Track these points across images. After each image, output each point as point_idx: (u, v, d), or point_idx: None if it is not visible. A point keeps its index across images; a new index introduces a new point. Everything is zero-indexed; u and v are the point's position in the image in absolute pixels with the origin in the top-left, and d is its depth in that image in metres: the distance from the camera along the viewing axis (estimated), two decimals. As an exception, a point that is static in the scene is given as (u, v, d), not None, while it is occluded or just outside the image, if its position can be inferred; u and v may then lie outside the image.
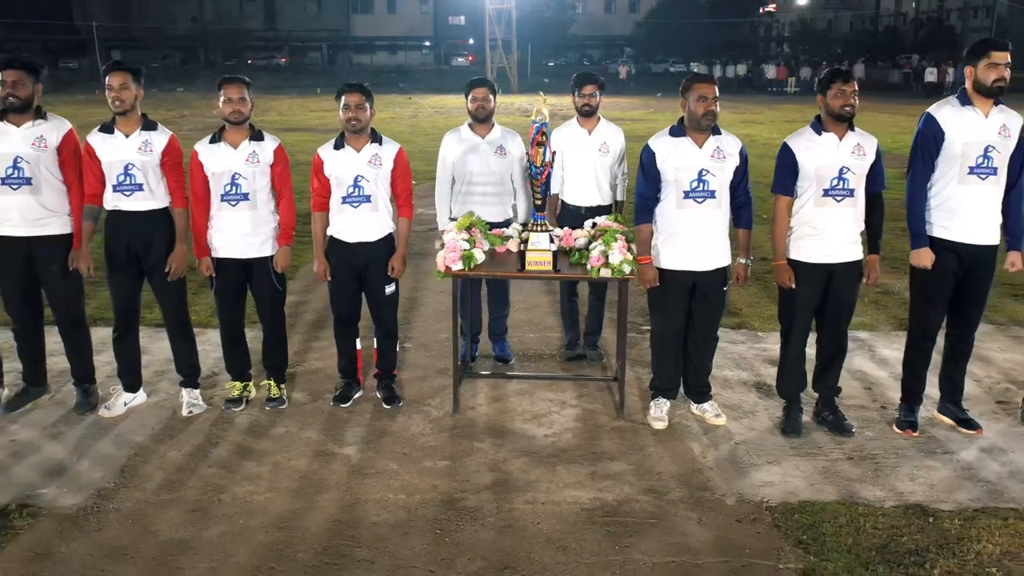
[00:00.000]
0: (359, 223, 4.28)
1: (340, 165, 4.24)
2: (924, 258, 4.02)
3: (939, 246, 4.01)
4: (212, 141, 4.23)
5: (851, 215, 3.97)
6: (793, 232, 4.05)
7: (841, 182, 3.93)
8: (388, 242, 4.36)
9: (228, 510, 3.49)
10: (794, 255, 4.06)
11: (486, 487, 3.70)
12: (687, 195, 4.02)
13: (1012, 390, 4.78)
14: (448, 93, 30.81)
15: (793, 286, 4.05)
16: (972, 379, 4.68)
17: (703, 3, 72.41)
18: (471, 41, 73.74)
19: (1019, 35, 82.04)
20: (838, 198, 3.95)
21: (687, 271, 4.12)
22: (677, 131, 4.08)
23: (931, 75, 36.89)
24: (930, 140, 3.98)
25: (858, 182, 3.96)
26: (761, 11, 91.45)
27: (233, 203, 4.19)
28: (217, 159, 4.19)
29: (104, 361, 4.74)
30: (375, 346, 4.58)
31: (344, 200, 4.25)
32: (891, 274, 6.67)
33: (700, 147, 4.02)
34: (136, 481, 3.72)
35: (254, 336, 4.72)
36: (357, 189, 4.23)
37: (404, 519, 3.43)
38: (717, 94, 3.99)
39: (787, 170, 4.01)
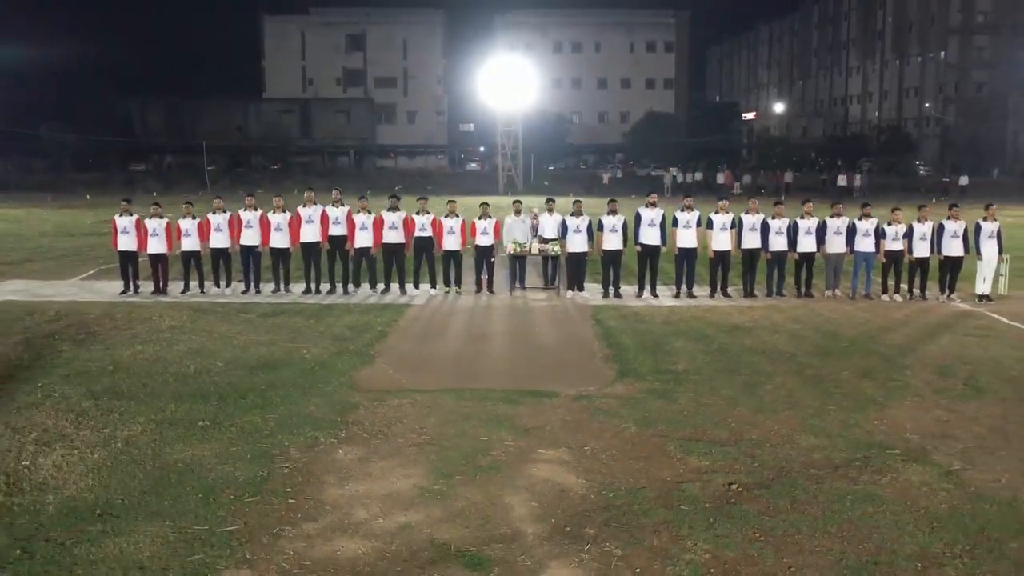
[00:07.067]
0: (485, 239, 15.99)
1: (484, 222, 15.99)
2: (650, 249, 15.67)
3: (642, 245, 15.66)
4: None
5: (617, 238, 15.62)
6: (603, 237, 15.67)
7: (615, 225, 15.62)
8: (492, 247, 16.03)
9: (465, 311, 15.08)
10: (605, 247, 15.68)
11: (517, 305, 15.26)
12: (574, 232, 15.72)
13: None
14: (466, 195, 37.28)
15: (603, 254, 15.69)
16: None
17: (682, 117, 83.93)
18: (482, 149, 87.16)
19: (963, 142, 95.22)
20: (614, 233, 15.60)
21: (576, 253, 15.77)
22: (572, 213, 15.84)
23: (842, 180, 48.17)
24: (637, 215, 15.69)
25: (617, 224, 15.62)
26: (744, 118, 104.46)
27: (449, 234, 15.85)
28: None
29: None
30: (485, 276, 16.18)
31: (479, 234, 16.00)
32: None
33: (577, 218, 15.75)
34: (430, 302, 15.28)
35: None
36: (484, 230, 15.98)
37: (495, 307, 14.96)
38: (582, 206, 15.78)
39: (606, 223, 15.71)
